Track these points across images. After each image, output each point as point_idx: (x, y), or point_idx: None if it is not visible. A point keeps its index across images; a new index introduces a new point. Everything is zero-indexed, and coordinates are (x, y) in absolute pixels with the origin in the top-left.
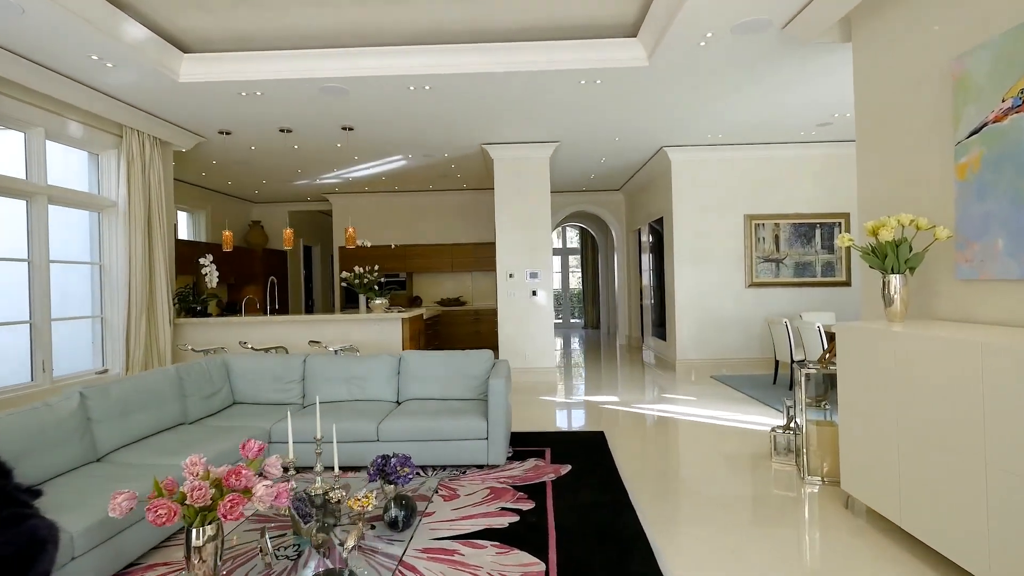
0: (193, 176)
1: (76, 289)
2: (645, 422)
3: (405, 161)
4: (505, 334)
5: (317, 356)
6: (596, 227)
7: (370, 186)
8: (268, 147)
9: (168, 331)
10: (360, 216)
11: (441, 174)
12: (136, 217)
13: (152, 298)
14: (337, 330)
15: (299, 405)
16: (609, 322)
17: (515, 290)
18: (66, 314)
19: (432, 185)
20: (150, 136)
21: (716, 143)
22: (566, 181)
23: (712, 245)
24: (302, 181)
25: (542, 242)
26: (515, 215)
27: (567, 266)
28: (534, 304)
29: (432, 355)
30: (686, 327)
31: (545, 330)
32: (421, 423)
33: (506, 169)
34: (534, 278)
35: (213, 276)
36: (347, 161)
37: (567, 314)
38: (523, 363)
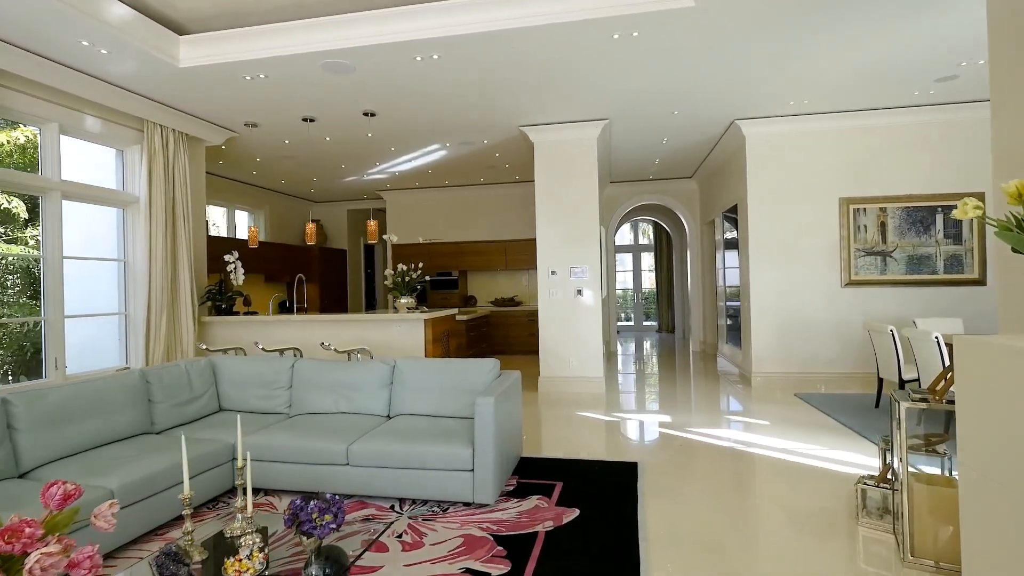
0: (245, 175)
1: (104, 286)
2: (696, 453)
3: (444, 151)
4: (547, 338)
5: (306, 361)
6: (670, 221)
7: (420, 181)
8: (301, 140)
9: (191, 329)
10: (412, 212)
11: (488, 165)
12: (157, 213)
13: (175, 295)
14: (355, 331)
15: (285, 415)
16: (684, 326)
17: (557, 289)
18: (94, 311)
19: (483, 178)
20: (173, 131)
21: (801, 112)
22: (628, 169)
23: (797, 236)
24: (350, 178)
25: (589, 235)
26: (558, 205)
27: (640, 264)
28: (579, 304)
29: (428, 363)
30: (764, 333)
31: (592, 334)
32: (397, 447)
33: (547, 153)
34: (579, 276)
35: (239, 273)
36: (385, 153)
37: (639, 316)
38: (566, 371)
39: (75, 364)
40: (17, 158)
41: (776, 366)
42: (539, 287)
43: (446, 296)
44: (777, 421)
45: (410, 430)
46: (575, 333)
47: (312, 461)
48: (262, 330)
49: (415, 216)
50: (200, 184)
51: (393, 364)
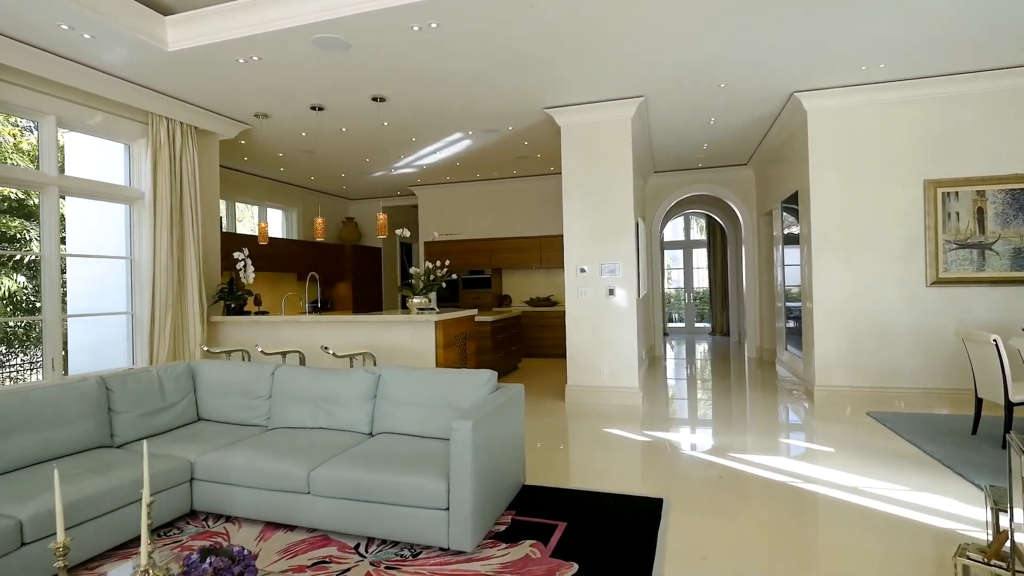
0: (272, 171)
1: (114, 285)
2: (740, 488)
3: (469, 140)
4: (574, 343)
5: (288, 369)
6: (724, 214)
7: (450, 175)
8: (317, 132)
9: (198, 329)
10: (444, 208)
11: (518, 156)
12: (162, 209)
13: (181, 294)
14: (363, 334)
15: (263, 427)
16: (739, 329)
17: (587, 288)
18: (104, 310)
19: (515, 170)
20: (181, 123)
21: (875, 79)
22: (673, 156)
23: (871, 227)
24: (378, 172)
25: (622, 228)
26: (588, 195)
27: (691, 261)
28: (611, 306)
29: (417, 374)
30: (830, 339)
31: (625, 339)
32: (364, 475)
33: (575, 138)
34: (612, 273)
35: (249, 272)
36: (406, 144)
37: (691, 318)
38: (596, 380)
39: (87, 364)
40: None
41: (844, 378)
42: (566, 286)
43: (479, 295)
44: (845, 447)
45: (385, 454)
46: (607, 338)
47: (271, 487)
48: (270, 331)
49: (447, 212)
50: (213, 179)
51: (378, 374)
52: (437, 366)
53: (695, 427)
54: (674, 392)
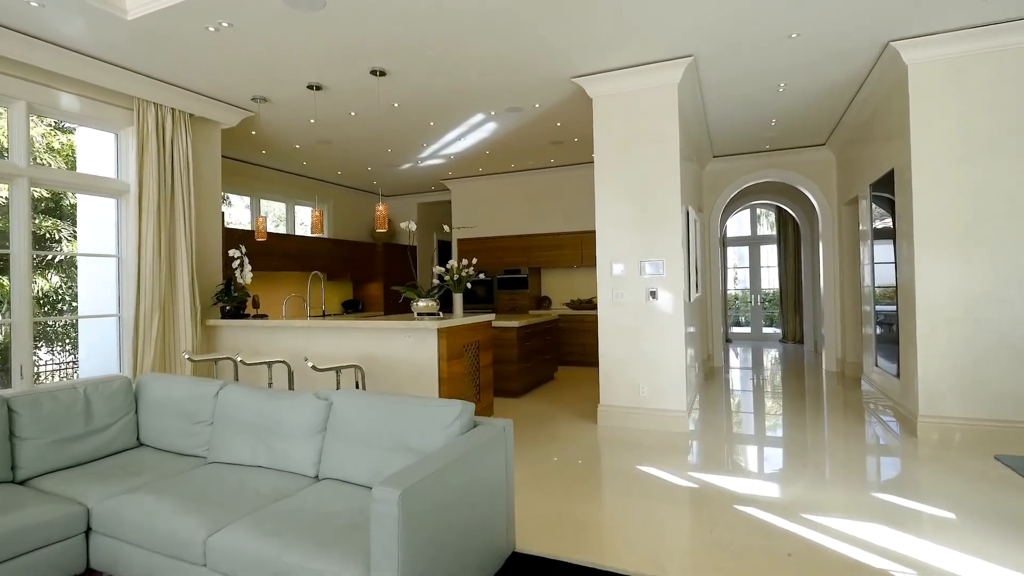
0: (295, 166)
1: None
2: (817, 573)
3: (493, 122)
4: (608, 355)
5: (234, 389)
6: (798, 204)
7: (483, 166)
8: (325, 118)
9: (190, 333)
10: (477, 202)
11: (553, 141)
12: (149, 202)
13: (172, 296)
14: (360, 341)
15: (203, 459)
16: (816, 335)
17: (623, 290)
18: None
19: (552, 159)
20: (172, 110)
21: (1001, 18)
22: (734, 135)
23: (997, 214)
24: (405, 165)
25: (667, 218)
26: (624, 179)
27: (758, 259)
28: (653, 311)
29: (375, 401)
30: (938, 356)
31: (671, 351)
32: (270, 550)
33: (609, 110)
34: (654, 273)
35: (246, 271)
36: (424, 129)
37: (757, 322)
38: (634, 400)
39: (97, 370)
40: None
41: (960, 407)
42: (599, 288)
43: (514, 297)
44: (971, 512)
45: (313, 515)
46: (647, 349)
47: (164, 551)
48: (266, 336)
49: (480, 206)
50: (213, 171)
51: (329, 401)
52: (440, 383)
53: (757, 469)
54: (733, 416)
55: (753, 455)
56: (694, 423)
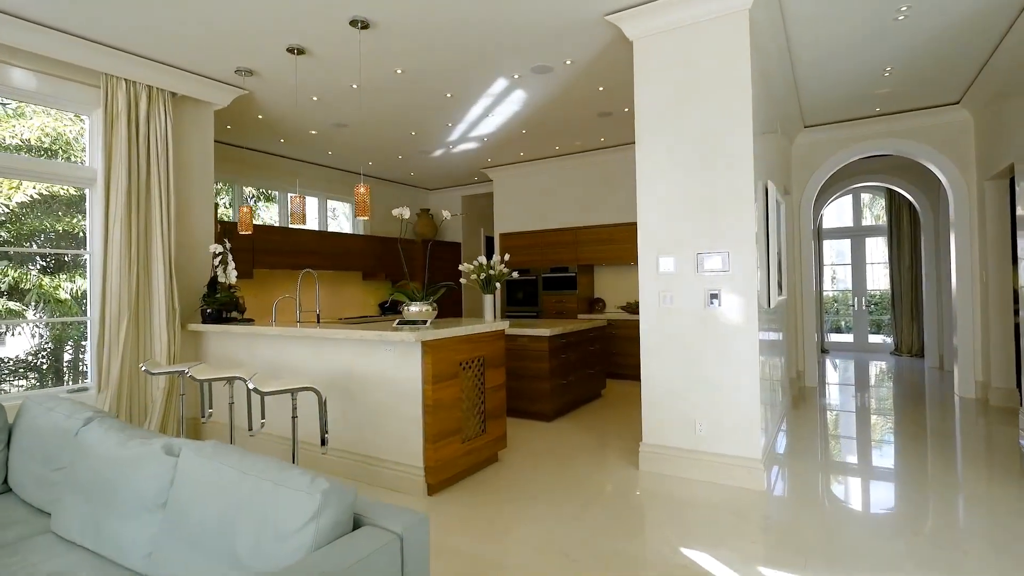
0: (320, 156)
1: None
2: None
3: (522, 90)
4: (652, 380)
5: (97, 426)
6: (918, 185)
7: (524, 150)
8: (328, 93)
9: (166, 339)
10: (521, 192)
11: (600, 112)
12: (118, 192)
13: (146, 297)
14: (342, 353)
15: (50, 518)
16: (941, 348)
17: (673, 291)
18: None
19: (603, 138)
20: (147, 87)
21: None
22: (833, 96)
23: None
24: (437, 151)
25: (737, 197)
26: (676, 145)
27: (862, 254)
28: (715, 321)
29: (219, 464)
30: None
31: (739, 375)
32: None
33: (654, 54)
34: (716, 268)
35: (229, 270)
36: (442, 103)
37: (862, 330)
38: (688, 440)
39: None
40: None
41: None
42: (641, 289)
43: (562, 298)
44: None
45: None
46: (707, 372)
47: None
48: (246, 344)
49: (524, 197)
50: (203, 157)
51: (175, 459)
52: (424, 412)
53: (870, 558)
54: (832, 468)
55: (863, 537)
56: (774, 478)
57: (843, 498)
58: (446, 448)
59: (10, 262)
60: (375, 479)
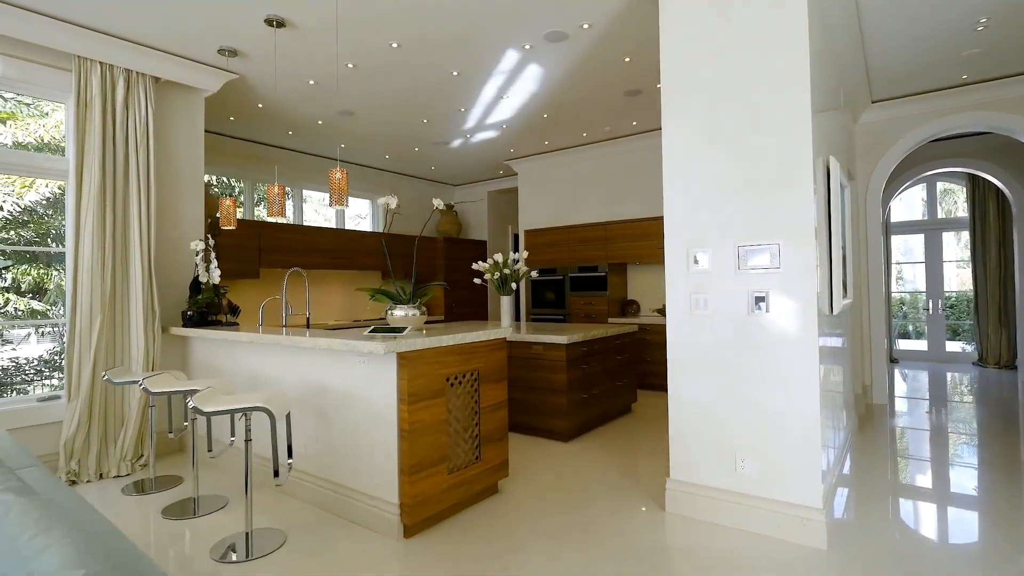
0: (332, 150)
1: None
2: None
3: (538, 65)
4: (681, 402)
5: None
6: (1011, 170)
7: (548, 138)
8: (322, 75)
9: (143, 344)
10: (547, 184)
11: (628, 90)
12: (91, 183)
13: (124, 297)
14: (308, 364)
15: None
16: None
17: (707, 294)
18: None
19: (635, 122)
20: (125, 70)
21: None
22: (908, 60)
23: None
24: (455, 142)
25: (788, 174)
26: (710, 111)
27: (938, 251)
28: (762, 330)
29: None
30: None
31: (796, 400)
32: None
33: (684, 4)
34: (764, 266)
35: (212, 269)
36: (451, 84)
37: (937, 336)
38: (727, 479)
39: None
40: None
41: None
42: (667, 289)
43: (591, 300)
44: None
45: None
46: (751, 394)
47: None
48: (227, 352)
49: (551, 190)
50: (193, 148)
51: None
52: (400, 439)
53: None
54: (912, 516)
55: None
56: (838, 530)
57: (928, 549)
58: (427, 481)
59: (36, 262)
60: (347, 512)
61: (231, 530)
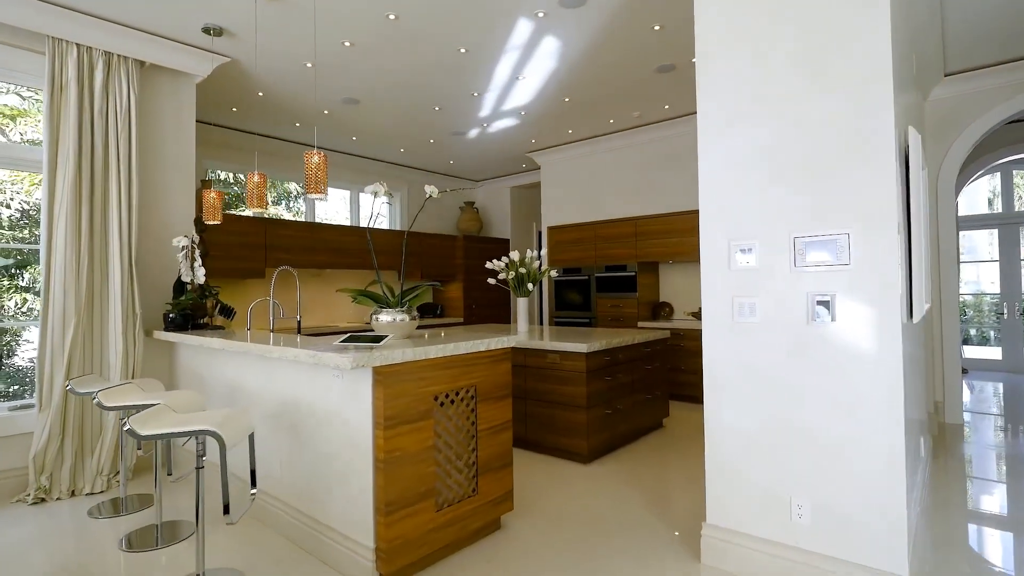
0: (343, 143)
1: None
2: None
3: (552, 35)
4: (721, 431)
5: None
6: None
7: (572, 126)
8: (318, 53)
9: (121, 349)
10: (572, 177)
11: (659, 65)
12: (65, 174)
13: (102, 299)
14: (281, 376)
15: None
16: None
17: (756, 298)
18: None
19: (667, 105)
20: (105, 52)
21: None
22: (986, 22)
23: None
24: (471, 131)
25: (865, 145)
26: (759, 65)
27: (1016, 249)
28: (824, 344)
29: None
30: None
31: (872, 434)
32: None
33: None
34: (828, 262)
35: (197, 268)
36: (460, 63)
37: (1013, 345)
38: (779, 531)
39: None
40: None
41: None
42: (703, 292)
43: (619, 303)
44: None
45: None
46: (813, 425)
47: None
48: (207, 360)
49: (576, 184)
50: (183, 137)
51: None
52: (376, 471)
53: None
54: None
55: None
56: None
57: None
58: (409, 521)
59: None
60: (320, 551)
61: (186, 568)
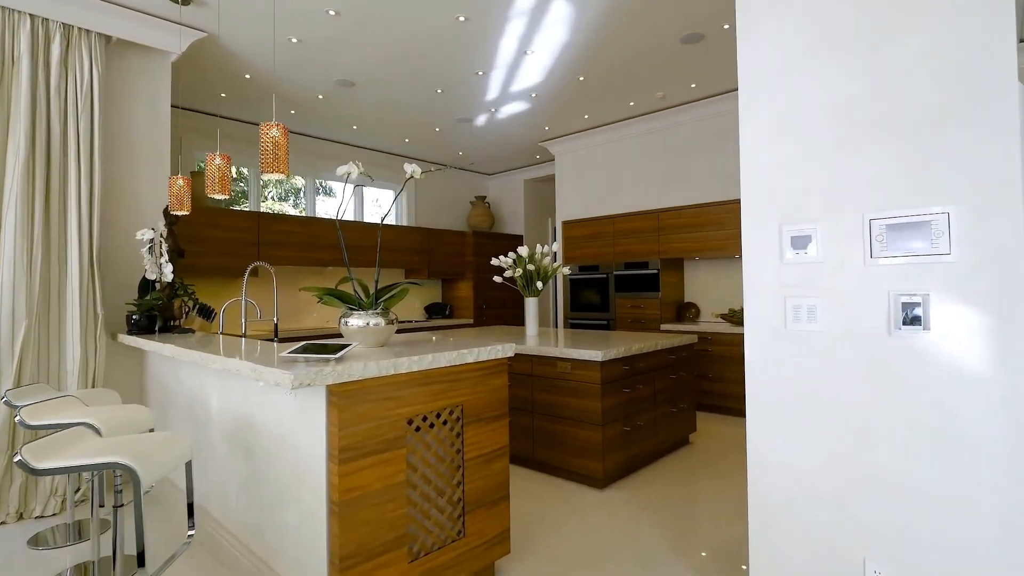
0: (344, 132)
1: None
2: None
3: (565, 1)
4: (766, 464)
5: None
6: None
7: (588, 111)
8: (301, 27)
9: (79, 354)
10: (589, 167)
11: (685, 35)
12: (15, 162)
13: (58, 299)
14: (234, 390)
15: None
16: None
17: (818, 299)
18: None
19: (694, 83)
20: (63, 25)
21: None
22: None
23: None
24: (479, 117)
25: (975, 93)
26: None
27: None
28: (914, 359)
29: None
30: None
31: (979, 483)
32: None
33: None
34: (918, 255)
35: (164, 264)
36: (459, 35)
37: None
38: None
39: None
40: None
41: None
42: (745, 293)
43: (639, 303)
44: None
45: None
46: (896, 468)
47: None
48: (171, 368)
49: (593, 174)
50: (154, 122)
51: None
52: (331, 515)
53: None
54: None
55: None
56: None
57: None
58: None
59: None
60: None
61: None
